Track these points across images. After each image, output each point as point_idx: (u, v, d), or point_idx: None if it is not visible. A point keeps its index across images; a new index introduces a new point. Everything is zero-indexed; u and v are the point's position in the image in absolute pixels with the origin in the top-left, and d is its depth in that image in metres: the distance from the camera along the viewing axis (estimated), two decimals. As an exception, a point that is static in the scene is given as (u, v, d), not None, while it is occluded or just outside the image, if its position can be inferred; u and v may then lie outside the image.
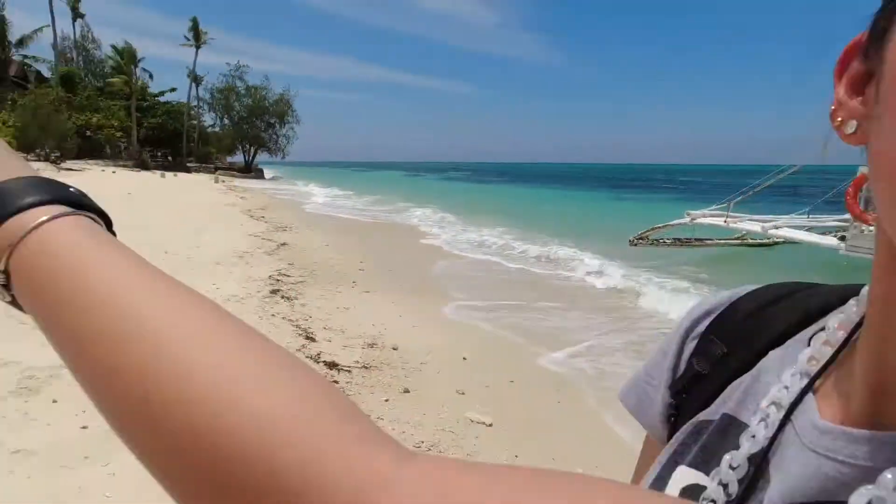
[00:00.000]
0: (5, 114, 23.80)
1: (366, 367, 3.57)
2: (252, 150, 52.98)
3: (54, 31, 35.20)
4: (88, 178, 23.50)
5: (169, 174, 33.33)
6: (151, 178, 28.90)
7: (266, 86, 51.15)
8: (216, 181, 32.99)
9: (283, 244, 8.90)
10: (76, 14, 39.14)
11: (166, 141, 46.06)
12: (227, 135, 52.16)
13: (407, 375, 3.51)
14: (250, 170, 51.43)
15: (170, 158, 45.01)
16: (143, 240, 8.04)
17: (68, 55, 40.45)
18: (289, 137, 53.60)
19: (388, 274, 7.30)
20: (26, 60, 35.34)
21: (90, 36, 43.12)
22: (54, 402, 2.65)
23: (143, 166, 37.42)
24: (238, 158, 56.53)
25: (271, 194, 26.97)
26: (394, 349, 4.06)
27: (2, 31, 31.73)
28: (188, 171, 41.33)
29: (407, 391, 3.24)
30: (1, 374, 2.86)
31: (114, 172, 28.81)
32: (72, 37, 41.16)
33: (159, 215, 11.87)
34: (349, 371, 3.47)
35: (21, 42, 33.56)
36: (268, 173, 54.92)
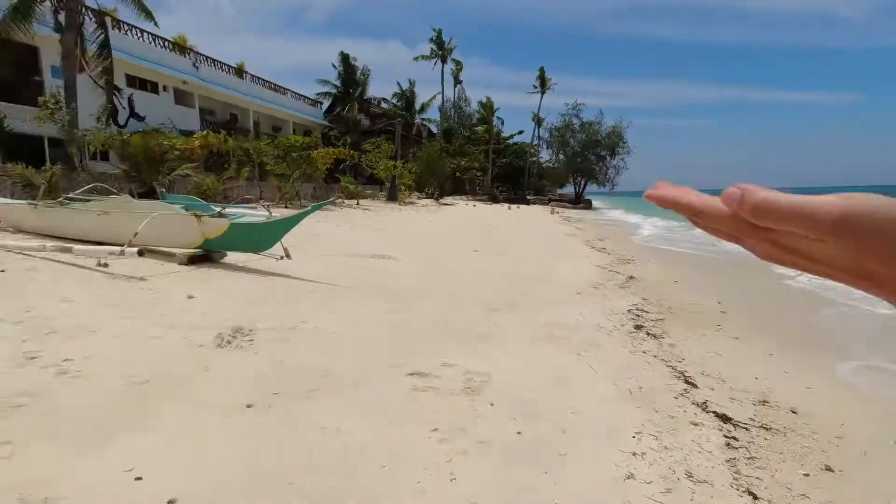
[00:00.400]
0: (410, 163, 30.89)
1: (766, 429, 3.18)
2: (582, 181, 54.89)
3: (443, 97, 44.28)
4: (458, 209, 28.30)
5: (514, 206, 37.26)
6: (500, 209, 32.88)
7: (599, 120, 52.53)
8: (552, 212, 35.21)
9: (632, 277, 8.85)
10: (456, 81, 48.28)
11: (511, 177, 51.95)
12: (561, 169, 55.38)
13: (823, 450, 2.97)
14: (580, 200, 53.43)
15: (512, 192, 50.48)
16: (508, 267, 9.18)
17: (448, 113, 50.02)
18: (619, 168, 53.63)
19: (756, 319, 6.44)
20: (423, 122, 45.30)
21: (464, 96, 52.43)
22: (491, 405, 3.18)
23: (494, 199, 42.91)
24: (567, 190, 59.32)
25: (601, 224, 27.35)
26: (792, 412, 3.51)
27: (411, 103, 41.60)
28: (527, 203, 45.46)
29: (829, 469, 2.74)
30: (450, 375, 3.60)
31: (474, 205, 33.87)
32: (452, 99, 50.84)
33: (516, 243, 13.38)
34: (746, 429, 3.15)
35: (422, 109, 43.29)
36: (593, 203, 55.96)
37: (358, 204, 24.21)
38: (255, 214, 7.26)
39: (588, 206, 51.12)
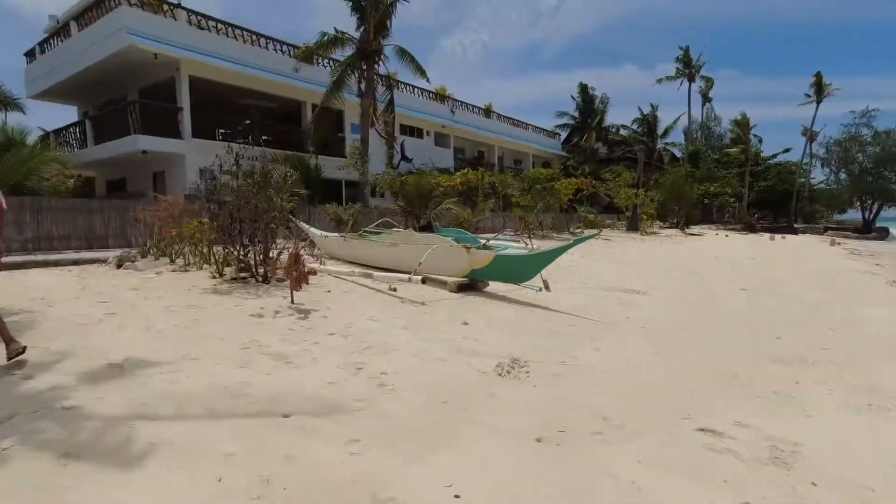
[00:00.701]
0: (652, 191, 29.09)
1: None
2: (874, 205, 44.15)
3: (689, 118, 40.89)
4: (708, 240, 25.38)
5: (777, 236, 31.88)
6: (760, 239, 28.37)
7: (903, 127, 41.49)
8: (832, 243, 29.01)
9: (983, 335, 6.59)
10: (705, 100, 44.04)
11: (773, 202, 44.68)
12: (843, 190, 45.56)
13: None
14: (870, 229, 42.82)
15: (773, 220, 43.33)
16: (787, 311, 7.74)
17: (694, 136, 45.79)
18: (933, 187, 41.52)
19: None
20: (666, 146, 42.44)
21: (713, 115, 47.43)
22: (813, 484, 2.65)
23: (750, 228, 37.37)
24: (850, 216, 48.47)
25: (910, 259, 21.29)
26: None
27: (653, 127, 39.46)
28: (794, 231, 38.45)
29: None
30: (748, 438, 3.13)
31: (726, 235, 29.99)
32: (699, 119, 46.46)
33: (792, 282, 11.29)
34: None
35: (665, 133, 40.69)
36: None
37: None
38: (515, 246, 7.66)
39: (883, 235, 40.48)
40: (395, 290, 6.99)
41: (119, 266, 7.37)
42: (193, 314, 5.08)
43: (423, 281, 6.38)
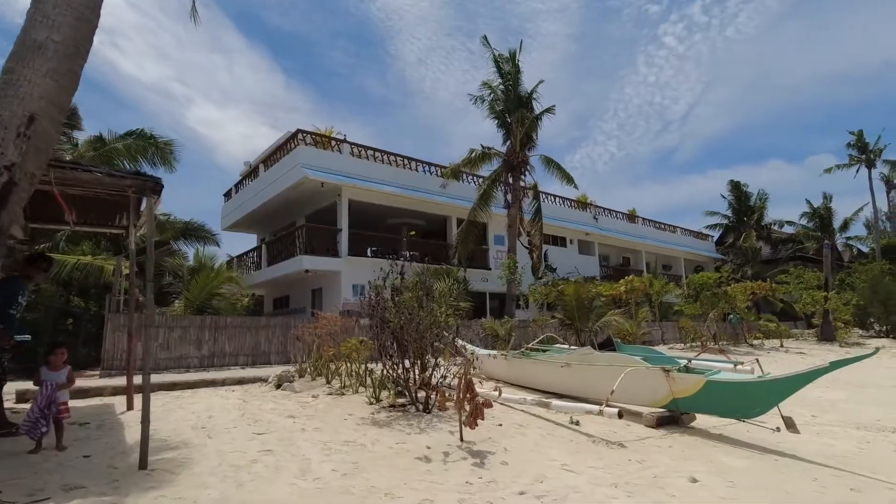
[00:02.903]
0: (845, 293, 24.28)
1: None
2: None
3: (874, 208, 35.04)
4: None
5: None
6: None
7: None
8: None
9: None
10: (890, 186, 37.79)
11: None
12: None
13: None
14: None
15: None
16: None
17: (882, 227, 38.90)
18: None
19: None
20: (847, 241, 36.53)
21: (903, 201, 40.28)
22: None
23: None
24: None
25: None
26: None
27: (828, 221, 34.47)
28: None
29: None
30: None
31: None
32: (884, 209, 39.68)
33: None
34: None
35: (844, 226, 35.24)
36: None
37: (783, 346, 19.83)
38: (725, 368, 5.97)
39: None
40: (577, 423, 5.63)
41: (278, 386, 7.04)
42: (353, 455, 4.24)
43: (621, 415, 4.96)
